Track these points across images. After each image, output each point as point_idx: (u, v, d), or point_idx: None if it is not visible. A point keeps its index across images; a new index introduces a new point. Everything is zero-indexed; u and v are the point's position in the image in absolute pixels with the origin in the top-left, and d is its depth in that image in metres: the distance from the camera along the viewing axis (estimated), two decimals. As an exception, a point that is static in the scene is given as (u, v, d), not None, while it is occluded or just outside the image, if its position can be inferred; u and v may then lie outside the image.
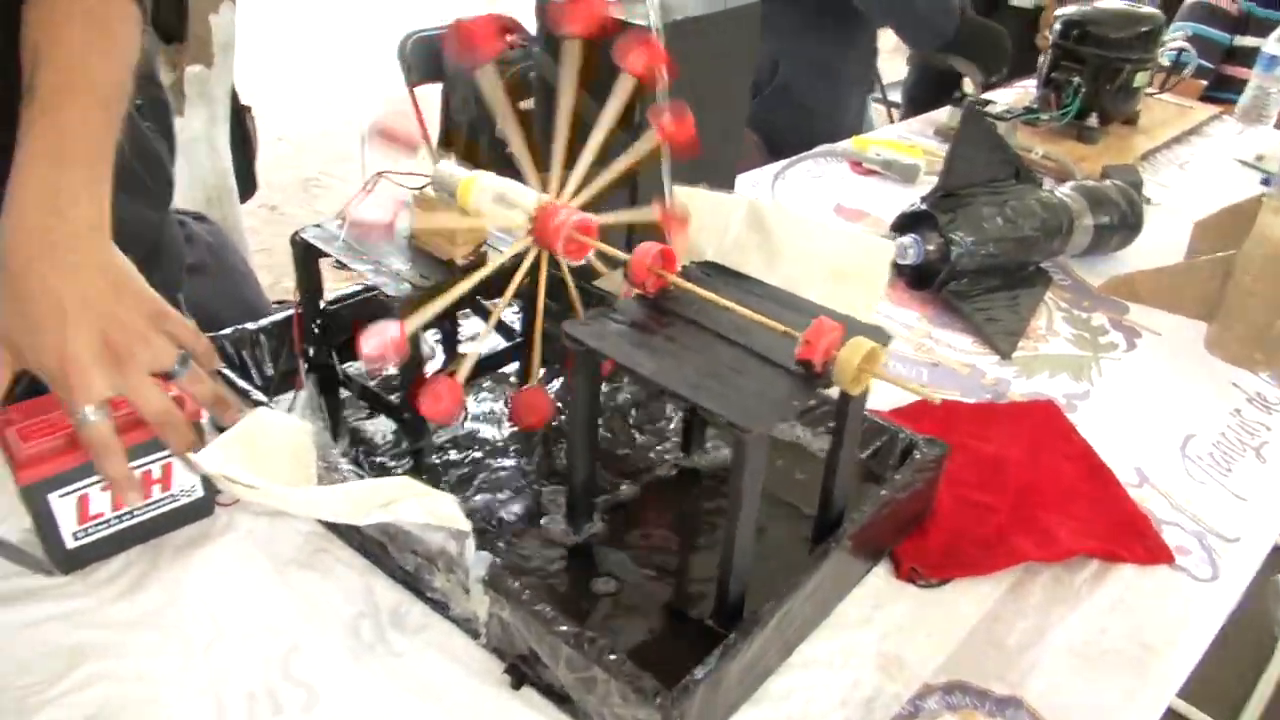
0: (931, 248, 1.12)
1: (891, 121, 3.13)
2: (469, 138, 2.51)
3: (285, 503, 0.57)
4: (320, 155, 3.69)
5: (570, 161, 0.69)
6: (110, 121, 0.62)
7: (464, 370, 0.67)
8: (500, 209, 0.68)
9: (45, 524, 0.68)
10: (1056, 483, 0.88)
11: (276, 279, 2.81)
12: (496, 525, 0.74)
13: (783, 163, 1.48)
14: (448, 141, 2.65)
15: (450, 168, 0.73)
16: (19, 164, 0.58)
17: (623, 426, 0.85)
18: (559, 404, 0.84)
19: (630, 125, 0.86)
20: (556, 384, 0.91)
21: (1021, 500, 0.85)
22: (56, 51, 0.61)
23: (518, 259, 0.69)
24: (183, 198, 1.90)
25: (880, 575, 0.77)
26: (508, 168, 0.73)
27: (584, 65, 0.68)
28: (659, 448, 0.82)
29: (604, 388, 0.85)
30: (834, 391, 0.62)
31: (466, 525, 0.61)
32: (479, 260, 0.76)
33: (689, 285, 0.63)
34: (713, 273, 0.70)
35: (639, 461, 0.80)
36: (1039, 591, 0.77)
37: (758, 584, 0.65)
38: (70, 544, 0.69)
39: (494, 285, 0.73)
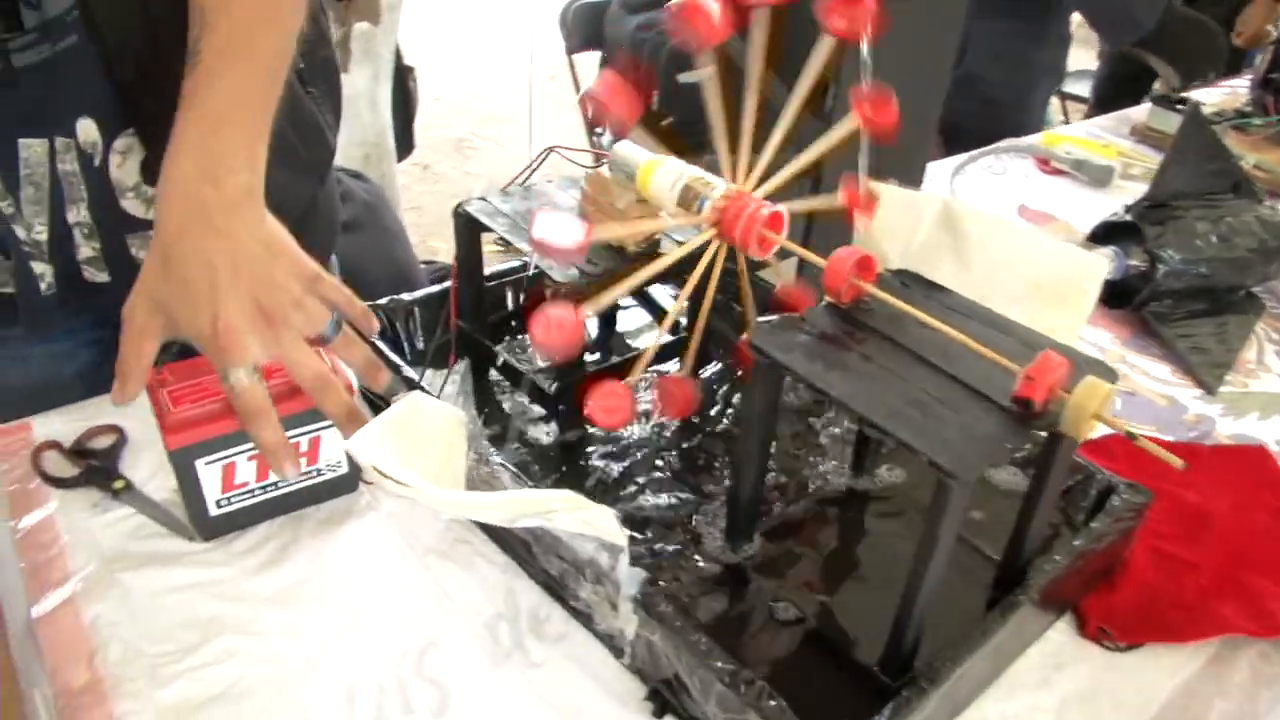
0: (1134, 262, 1.01)
1: (1066, 116, 2.95)
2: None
3: (437, 504, 0.53)
4: (474, 116, 3.71)
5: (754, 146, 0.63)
6: (270, 88, 0.63)
7: (635, 373, 0.62)
8: (683, 197, 0.63)
9: (190, 489, 0.66)
10: (1270, 543, 0.78)
11: (423, 238, 2.84)
12: (647, 534, 0.69)
13: (964, 156, 1.38)
14: (599, 119, 2.62)
15: (630, 148, 0.68)
16: (177, 130, 0.59)
17: (789, 441, 0.78)
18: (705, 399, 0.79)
19: (820, 110, 0.79)
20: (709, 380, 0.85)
21: (1228, 560, 0.75)
22: (221, 20, 0.61)
23: (698, 250, 0.63)
24: (342, 155, 1.91)
25: (1061, 630, 0.69)
26: (664, 140, 0.67)
27: (770, 43, 0.62)
28: (826, 466, 0.75)
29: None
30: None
31: (623, 540, 0.57)
32: (652, 248, 0.71)
33: (889, 298, 0.56)
34: (910, 283, 0.63)
35: (804, 479, 0.74)
36: (1245, 669, 0.68)
37: (929, 631, 0.58)
38: (213, 511, 0.68)
39: (665, 275, 0.68)
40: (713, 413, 0.81)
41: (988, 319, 0.59)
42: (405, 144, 2.06)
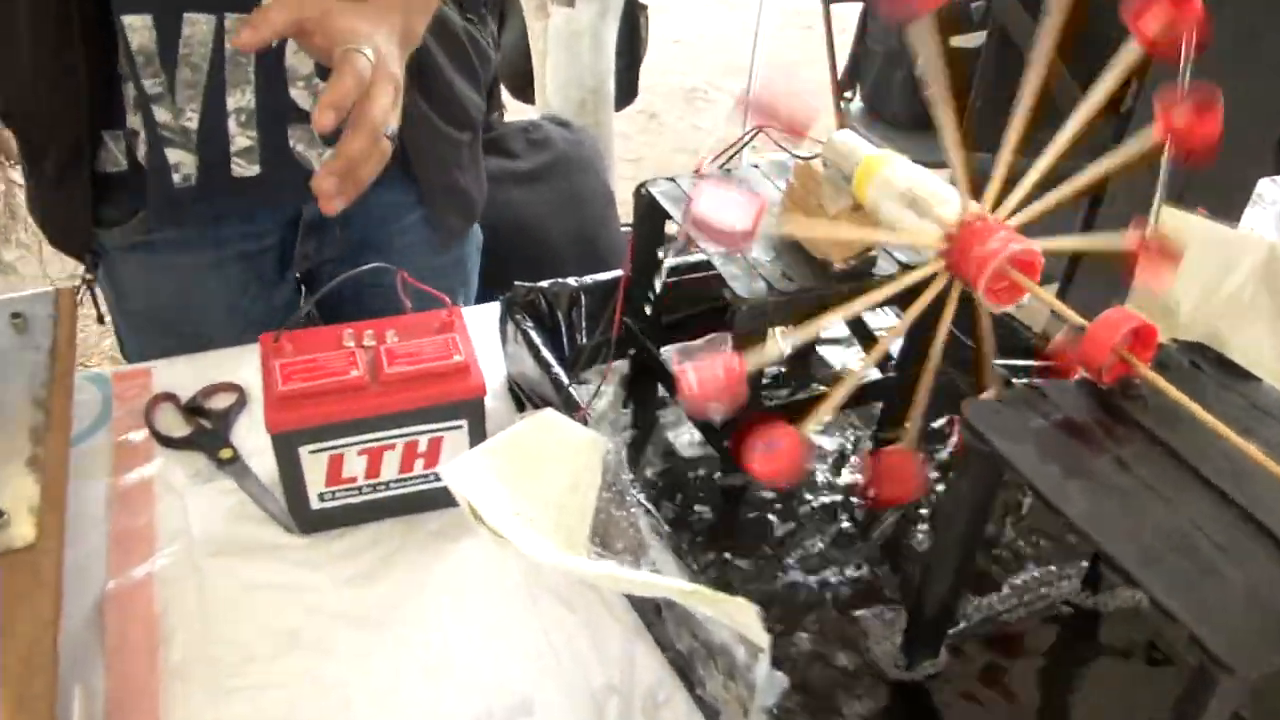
0: None
1: None
2: (879, 73, 2.33)
3: (535, 560, 0.47)
4: (711, 63, 3.64)
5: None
6: None
7: (815, 418, 0.53)
8: (908, 212, 0.54)
9: (291, 477, 0.64)
10: None
11: (638, 195, 2.81)
12: (802, 622, 0.61)
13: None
14: (853, 75, 2.50)
15: (851, 140, 0.59)
16: None
17: (1001, 526, 0.68)
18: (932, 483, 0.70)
19: (1116, 112, 0.68)
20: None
21: None
22: None
23: (920, 279, 0.54)
24: (558, 98, 1.90)
25: None
26: (919, 126, 0.57)
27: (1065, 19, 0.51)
28: (1047, 569, 0.64)
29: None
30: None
31: (764, 640, 0.49)
32: (862, 267, 0.62)
33: (1169, 387, 0.45)
34: (1204, 365, 0.51)
35: (1017, 586, 0.63)
36: None
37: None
38: (315, 504, 0.65)
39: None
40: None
41: (1308, 431, 0.47)
42: (628, 90, 2.02)
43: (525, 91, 1.99)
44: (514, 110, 1.89)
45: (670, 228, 0.70)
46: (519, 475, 0.54)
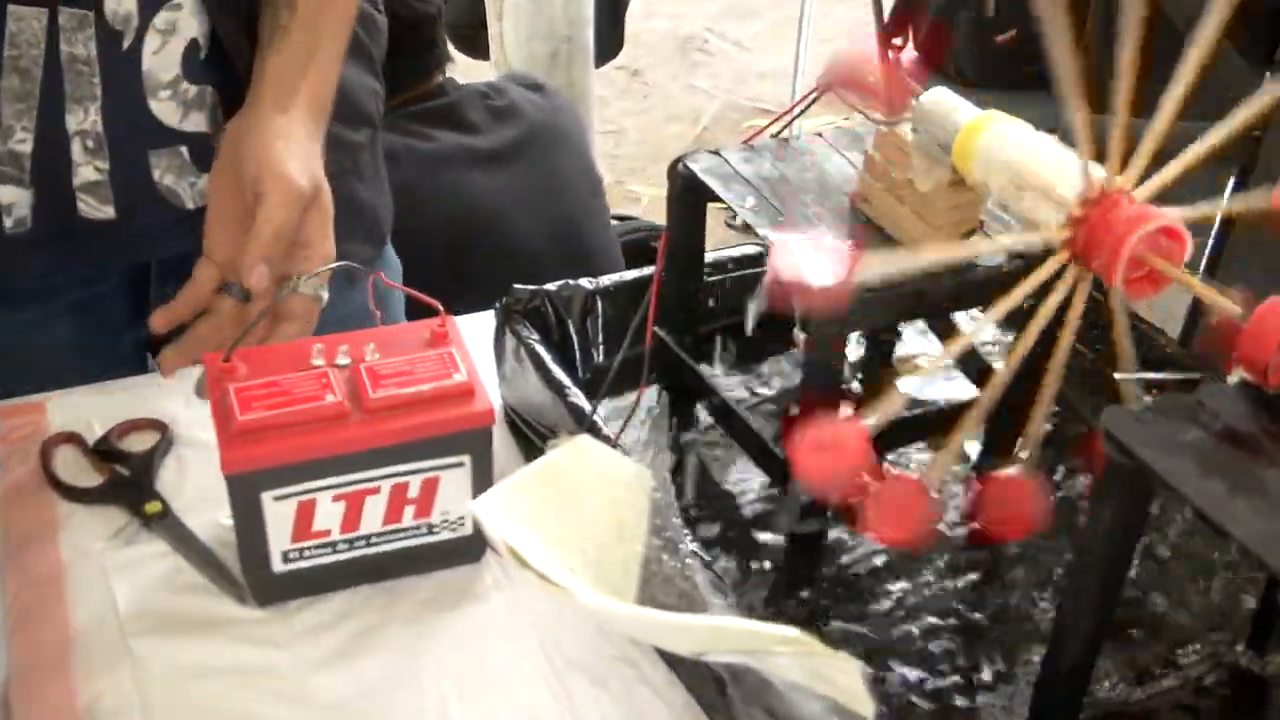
0: None
1: None
2: (935, 19, 2.41)
3: (593, 613, 0.53)
4: (712, 5, 3.71)
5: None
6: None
7: (881, 412, 0.58)
8: (1025, 192, 0.60)
9: (249, 531, 0.68)
10: None
11: (619, 177, 2.84)
12: (904, 700, 0.67)
13: None
14: (901, 22, 2.57)
15: (947, 99, 0.65)
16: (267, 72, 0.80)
17: (1139, 575, 0.74)
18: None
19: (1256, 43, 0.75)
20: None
21: None
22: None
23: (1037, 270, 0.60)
24: (521, 51, 1.96)
25: None
26: (988, 83, 0.64)
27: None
28: (1199, 625, 0.71)
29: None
30: None
31: (869, 709, 0.54)
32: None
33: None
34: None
35: (1162, 648, 0.69)
36: None
37: None
38: (278, 565, 0.70)
39: (972, 295, 0.66)
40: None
41: None
42: (611, 42, 2.09)
43: (475, 44, 2.05)
44: (464, 68, 1.95)
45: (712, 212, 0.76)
46: (553, 517, 0.59)
